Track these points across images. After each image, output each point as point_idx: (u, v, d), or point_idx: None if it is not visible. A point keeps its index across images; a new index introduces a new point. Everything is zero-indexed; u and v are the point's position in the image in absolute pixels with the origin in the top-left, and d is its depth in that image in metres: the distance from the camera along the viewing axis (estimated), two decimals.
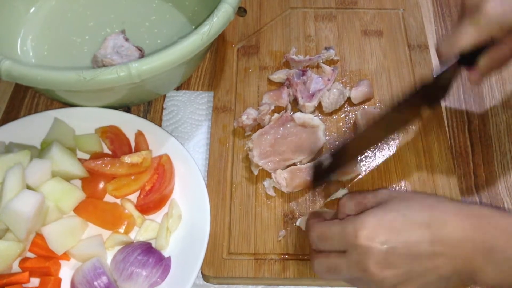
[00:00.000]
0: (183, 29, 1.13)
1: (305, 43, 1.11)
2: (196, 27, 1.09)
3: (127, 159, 0.88)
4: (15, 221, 0.79)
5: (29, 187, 0.83)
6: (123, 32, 1.06)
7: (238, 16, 1.12)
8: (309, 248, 0.80)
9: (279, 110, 1.01)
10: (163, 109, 1.05)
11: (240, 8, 1.11)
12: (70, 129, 0.95)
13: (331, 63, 1.07)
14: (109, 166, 0.88)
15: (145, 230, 0.88)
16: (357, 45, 1.11)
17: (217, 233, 0.88)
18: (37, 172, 0.84)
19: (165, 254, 0.86)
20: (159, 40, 1.12)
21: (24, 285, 0.81)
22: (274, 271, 0.85)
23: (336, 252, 0.74)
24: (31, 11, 1.14)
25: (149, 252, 0.83)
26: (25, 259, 0.83)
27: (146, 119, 0.98)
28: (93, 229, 0.88)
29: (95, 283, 0.79)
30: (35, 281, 0.82)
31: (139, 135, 0.95)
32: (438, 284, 0.70)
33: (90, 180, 0.90)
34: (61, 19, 1.16)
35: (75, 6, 1.17)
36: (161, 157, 0.92)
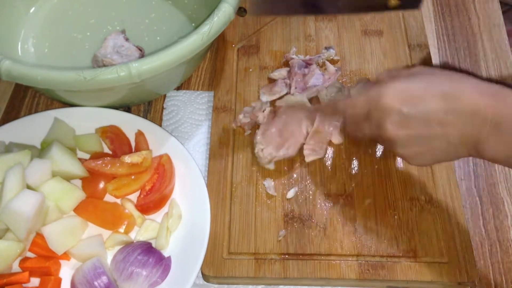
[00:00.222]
0: (182, 27, 1.13)
1: (305, 42, 1.11)
2: (195, 25, 1.10)
3: (127, 159, 0.88)
4: (15, 221, 0.79)
5: (29, 187, 0.83)
6: (123, 31, 1.06)
7: (238, 15, 1.12)
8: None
9: (272, 101, 1.02)
10: (163, 109, 1.05)
11: (240, 8, 1.11)
12: (70, 129, 0.95)
13: (331, 62, 1.07)
14: (109, 166, 0.88)
15: (145, 230, 0.88)
16: (357, 45, 1.11)
17: (217, 233, 0.88)
18: (37, 172, 0.84)
19: (165, 254, 0.86)
20: (158, 37, 1.12)
21: (24, 285, 0.81)
22: (274, 271, 0.85)
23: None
24: (32, 10, 1.14)
25: (149, 252, 0.83)
26: (25, 259, 0.83)
27: (146, 119, 0.98)
28: (93, 229, 0.88)
29: (95, 283, 0.79)
30: (35, 281, 0.82)
31: (139, 135, 0.95)
32: (445, 150, 0.76)
33: (90, 180, 0.90)
34: (61, 17, 1.16)
35: (76, 4, 1.18)
36: (161, 157, 0.92)
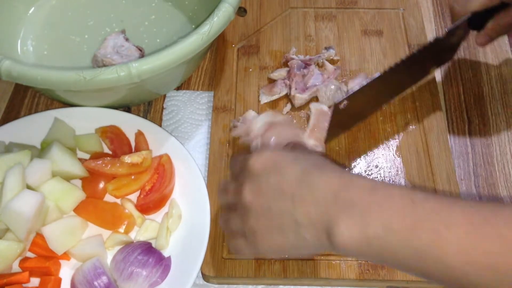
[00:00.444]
0: (182, 28, 1.13)
1: (305, 42, 1.11)
2: (196, 27, 1.10)
3: (127, 159, 0.88)
4: (15, 221, 0.79)
5: (29, 187, 0.83)
6: (123, 32, 1.06)
7: (238, 16, 1.12)
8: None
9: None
10: (163, 109, 1.05)
11: (240, 8, 1.11)
12: (70, 129, 0.95)
13: (331, 62, 1.07)
14: (109, 166, 0.88)
15: (145, 230, 0.88)
16: (357, 45, 1.11)
17: (217, 233, 0.88)
18: (37, 172, 0.84)
19: (165, 254, 0.86)
20: (158, 39, 1.12)
21: (24, 285, 0.81)
22: (274, 271, 0.85)
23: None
24: (31, 10, 1.14)
25: (149, 252, 0.83)
26: (25, 259, 0.83)
27: (146, 119, 0.97)
28: (93, 229, 0.88)
29: (95, 283, 0.79)
30: (35, 281, 0.82)
31: (139, 135, 0.95)
32: (294, 232, 0.67)
33: (90, 180, 0.90)
34: (61, 18, 1.16)
35: (75, 5, 1.17)
36: (161, 157, 0.92)
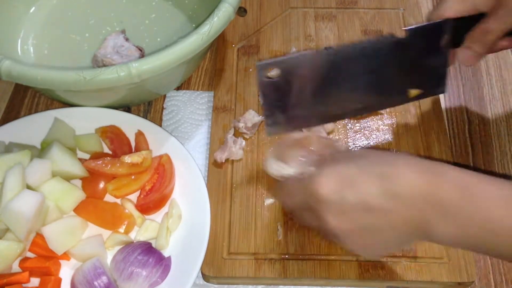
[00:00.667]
0: (182, 27, 1.13)
1: (305, 42, 1.11)
2: (195, 26, 1.10)
3: (127, 159, 0.88)
4: (15, 221, 0.79)
5: (29, 187, 0.83)
6: (123, 32, 1.06)
7: (238, 15, 1.12)
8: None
9: None
10: (163, 109, 1.05)
11: (240, 8, 1.11)
12: (70, 129, 0.95)
13: None
14: (109, 166, 0.88)
15: (145, 230, 0.88)
16: None
17: (217, 233, 0.88)
18: (37, 172, 0.84)
19: (165, 254, 0.86)
20: (158, 38, 1.12)
21: (24, 285, 0.81)
22: (274, 271, 0.85)
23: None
24: (31, 10, 1.14)
25: (149, 252, 0.83)
26: (25, 259, 0.83)
27: (146, 119, 0.97)
28: (93, 229, 0.88)
29: (95, 283, 0.79)
30: (35, 281, 0.82)
31: (139, 135, 0.95)
32: (393, 238, 0.69)
33: (90, 180, 0.90)
34: (61, 17, 1.16)
35: (76, 5, 1.17)
36: (161, 157, 0.92)
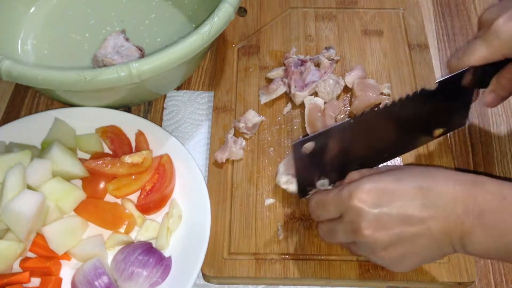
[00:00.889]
0: (183, 27, 1.13)
1: (305, 42, 1.11)
2: (196, 26, 1.10)
3: (128, 159, 0.88)
4: (16, 221, 0.79)
5: (29, 187, 0.83)
6: (124, 32, 1.06)
7: (238, 16, 1.12)
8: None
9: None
10: (163, 108, 1.05)
11: (240, 7, 1.11)
12: (70, 129, 0.95)
13: None
14: (110, 166, 0.88)
15: (145, 230, 0.88)
16: (357, 45, 1.11)
17: (218, 233, 0.88)
18: (38, 172, 0.84)
19: (166, 254, 0.86)
20: (158, 38, 1.12)
21: (24, 285, 0.81)
22: (274, 271, 0.85)
23: (334, 218, 0.77)
24: (31, 10, 1.14)
25: (150, 252, 0.83)
26: (26, 259, 0.83)
27: (146, 119, 0.97)
28: (93, 229, 0.88)
29: (96, 283, 0.79)
30: (36, 281, 0.82)
31: (140, 135, 0.95)
32: (428, 248, 0.71)
33: (90, 180, 0.90)
34: (61, 17, 1.16)
35: (76, 5, 1.17)
36: (161, 157, 0.92)
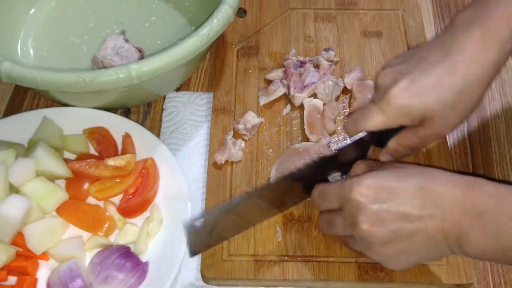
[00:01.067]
0: (183, 30, 1.13)
1: (305, 44, 1.10)
2: (196, 28, 1.09)
3: (111, 162, 0.88)
4: (2, 225, 0.80)
5: (12, 186, 0.84)
6: (123, 33, 1.07)
7: (237, 17, 1.12)
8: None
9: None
10: (163, 110, 1.05)
11: (240, 9, 1.10)
12: (58, 128, 0.95)
13: None
14: (93, 167, 0.88)
15: (125, 233, 0.87)
16: (357, 46, 1.09)
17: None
18: (21, 171, 0.85)
19: (144, 258, 0.85)
20: (159, 41, 1.12)
21: (1, 283, 0.81)
22: (273, 273, 0.85)
23: (334, 210, 0.78)
24: (31, 12, 1.15)
25: (127, 256, 0.83)
26: None
27: (146, 120, 0.98)
28: (74, 231, 0.88)
29: (70, 286, 0.79)
30: (13, 280, 0.82)
31: (127, 137, 0.95)
32: (425, 246, 0.72)
33: (74, 181, 0.90)
34: (61, 19, 1.17)
35: (75, 6, 1.18)
36: (146, 160, 0.92)
